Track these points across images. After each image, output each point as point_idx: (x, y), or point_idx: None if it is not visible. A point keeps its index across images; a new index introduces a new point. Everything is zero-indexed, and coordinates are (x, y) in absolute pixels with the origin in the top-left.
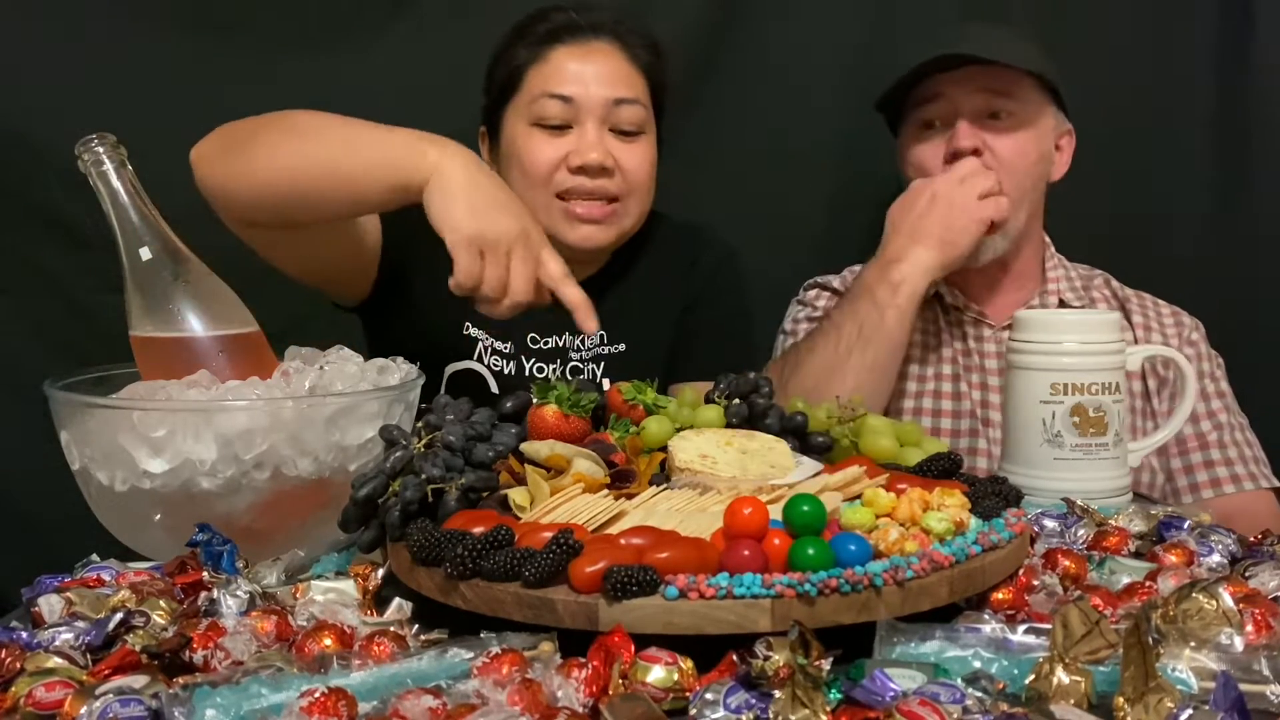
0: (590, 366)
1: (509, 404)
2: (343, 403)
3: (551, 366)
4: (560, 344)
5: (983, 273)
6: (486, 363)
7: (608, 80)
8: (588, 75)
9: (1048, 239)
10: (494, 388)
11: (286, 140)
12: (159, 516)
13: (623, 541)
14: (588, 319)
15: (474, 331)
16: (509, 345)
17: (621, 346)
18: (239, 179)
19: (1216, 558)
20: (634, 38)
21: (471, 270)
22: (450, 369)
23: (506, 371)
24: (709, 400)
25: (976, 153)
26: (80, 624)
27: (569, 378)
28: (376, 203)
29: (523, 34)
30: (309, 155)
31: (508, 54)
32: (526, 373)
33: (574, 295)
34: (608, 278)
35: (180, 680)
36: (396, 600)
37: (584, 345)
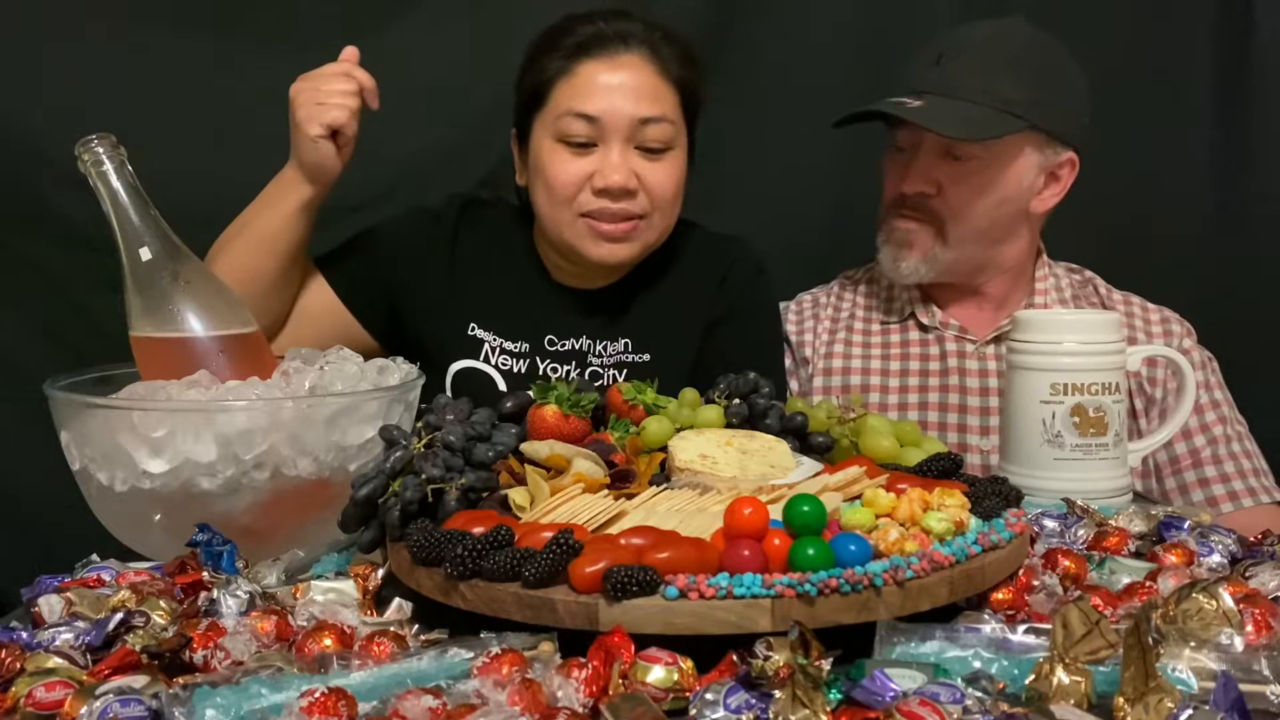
0: (611, 373)
1: (509, 404)
2: (343, 403)
3: (567, 368)
4: (579, 347)
5: (958, 295)
6: (495, 363)
7: (635, 96)
8: (615, 90)
9: (1041, 245)
10: (503, 388)
11: (222, 259)
12: (159, 516)
13: (623, 541)
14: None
15: (480, 333)
16: (522, 345)
17: (646, 356)
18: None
19: (1216, 558)
20: (666, 48)
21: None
22: (454, 368)
23: (518, 371)
24: (709, 400)
25: (925, 195)
26: (80, 624)
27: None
28: (294, 216)
29: (550, 45)
30: (242, 252)
31: (536, 64)
32: (540, 373)
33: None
34: (635, 286)
35: (180, 680)
36: (396, 600)
37: (605, 351)
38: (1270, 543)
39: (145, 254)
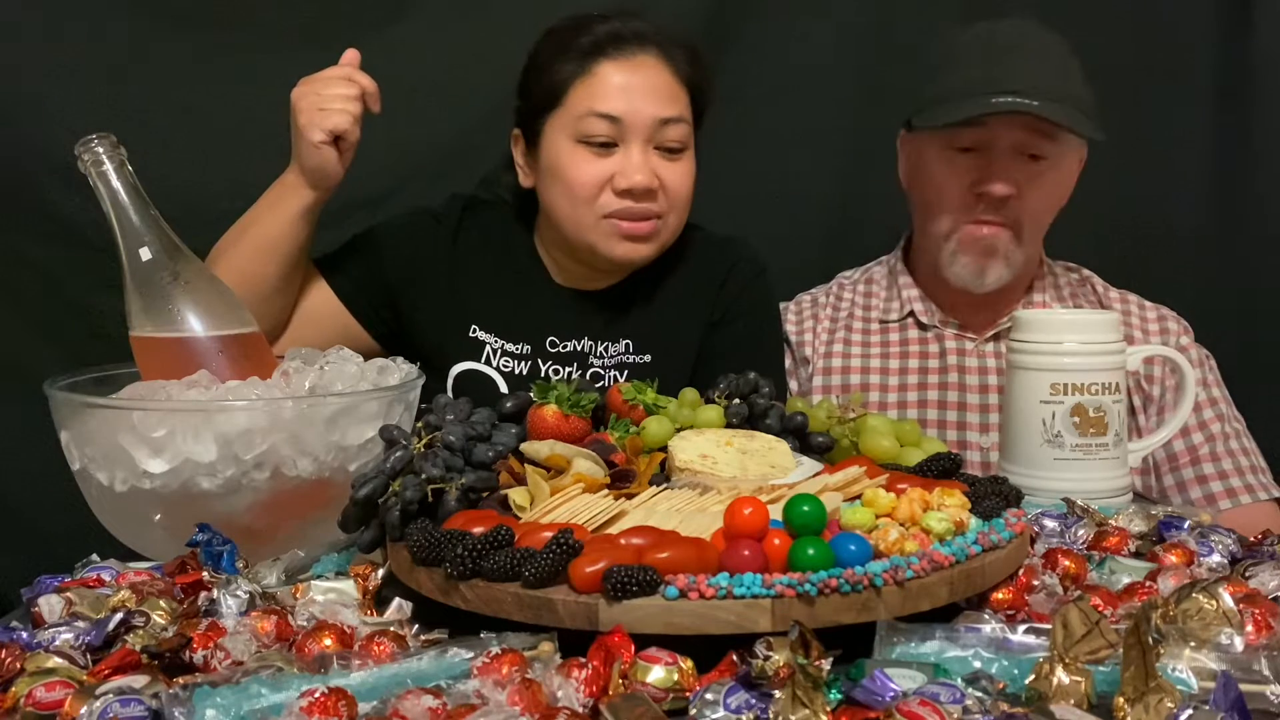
0: (612, 374)
1: (509, 404)
2: (343, 403)
3: (569, 370)
4: (580, 348)
5: (957, 293)
6: (496, 364)
7: (653, 97)
8: (634, 91)
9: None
10: (504, 390)
11: (223, 263)
12: (159, 516)
13: (623, 541)
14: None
15: (481, 335)
16: (523, 346)
17: (647, 357)
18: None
19: (1216, 558)
20: (677, 49)
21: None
22: (455, 370)
23: (519, 373)
24: (709, 400)
25: (1009, 198)
26: (80, 624)
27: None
28: (295, 220)
29: (565, 45)
30: (242, 256)
31: (549, 65)
32: (542, 375)
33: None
34: (636, 287)
35: (180, 680)
36: (396, 600)
37: (606, 352)
38: (1270, 543)
39: (145, 254)
